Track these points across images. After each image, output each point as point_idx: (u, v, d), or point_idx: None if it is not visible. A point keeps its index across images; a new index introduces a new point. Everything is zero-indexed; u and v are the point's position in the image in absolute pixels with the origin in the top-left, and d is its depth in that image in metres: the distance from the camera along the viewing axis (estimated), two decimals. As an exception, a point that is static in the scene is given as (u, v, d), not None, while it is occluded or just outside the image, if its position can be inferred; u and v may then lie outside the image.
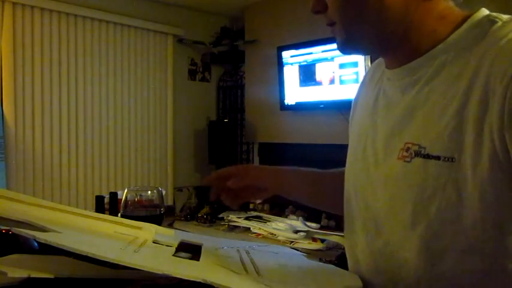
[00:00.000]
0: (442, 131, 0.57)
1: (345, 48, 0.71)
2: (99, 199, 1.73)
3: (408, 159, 0.61)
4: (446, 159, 0.57)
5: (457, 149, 0.56)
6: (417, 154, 0.60)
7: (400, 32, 0.65)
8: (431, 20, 0.64)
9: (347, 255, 0.79)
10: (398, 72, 0.68)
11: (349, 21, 0.66)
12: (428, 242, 0.60)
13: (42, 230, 0.61)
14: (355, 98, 0.87)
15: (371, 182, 0.69)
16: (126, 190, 0.93)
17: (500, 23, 0.59)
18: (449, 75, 0.60)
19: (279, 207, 3.24)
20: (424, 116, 0.61)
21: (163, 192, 2.47)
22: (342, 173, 0.85)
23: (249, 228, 2.65)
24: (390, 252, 0.65)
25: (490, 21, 0.60)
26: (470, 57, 0.58)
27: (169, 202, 3.60)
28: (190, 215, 3.05)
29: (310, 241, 2.38)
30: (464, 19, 0.62)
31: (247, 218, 2.81)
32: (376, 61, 0.81)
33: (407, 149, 0.62)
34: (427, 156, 0.59)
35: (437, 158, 0.57)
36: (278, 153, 3.75)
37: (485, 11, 0.62)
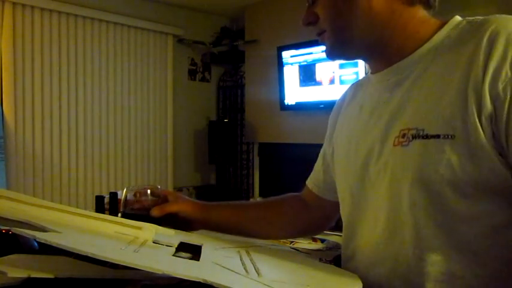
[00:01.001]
0: (442, 111, 0.61)
1: (333, 55, 0.76)
2: (99, 199, 1.72)
3: (406, 143, 0.64)
4: (446, 136, 0.60)
5: (458, 127, 0.59)
6: (415, 136, 0.63)
7: (386, 36, 0.70)
8: (414, 24, 0.69)
9: (342, 253, 0.80)
10: (385, 73, 0.73)
11: (340, 29, 0.71)
12: (428, 217, 0.62)
13: (42, 230, 0.61)
14: (335, 113, 0.91)
15: (369, 178, 0.71)
16: (125, 189, 0.93)
17: (479, 20, 0.64)
18: (440, 68, 0.64)
19: (279, 207, 3.24)
20: (419, 104, 0.65)
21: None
22: (267, 203, 1.01)
23: (249, 228, 2.65)
24: (385, 240, 0.67)
25: (469, 22, 0.65)
26: (460, 50, 0.62)
27: (169, 202, 3.60)
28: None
29: (310, 241, 2.38)
30: (443, 24, 0.68)
31: (247, 218, 2.81)
32: (354, 83, 0.89)
33: (404, 135, 0.65)
34: (426, 137, 0.62)
35: (437, 136, 0.60)
36: (278, 153, 3.76)
37: (459, 17, 0.68)
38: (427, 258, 0.63)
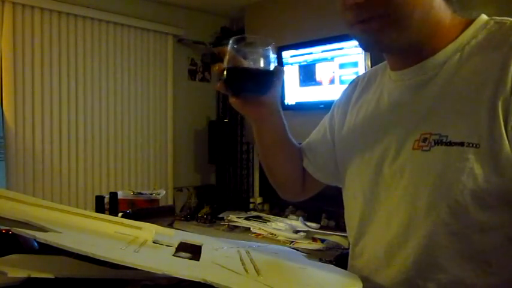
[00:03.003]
0: (468, 119, 0.59)
1: (377, 44, 0.68)
2: (99, 199, 1.72)
3: (427, 148, 0.63)
4: (471, 144, 0.58)
5: (484, 136, 0.57)
6: (437, 142, 0.61)
7: (426, 34, 0.66)
8: (450, 22, 0.67)
9: (350, 249, 0.80)
10: (407, 72, 0.70)
11: (401, 16, 0.63)
12: (444, 225, 0.61)
13: (42, 230, 0.61)
14: (343, 102, 0.90)
15: (383, 178, 0.70)
16: (231, 40, 0.76)
17: (509, 22, 0.62)
18: (468, 73, 0.62)
19: (279, 207, 3.24)
20: (444, 109, 0.63)
21: (163, 192, 2.45)
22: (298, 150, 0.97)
23: (249, 228, 2.65)
24: (398, 243, 0.67)
25: (497, 23, 0.63)
26: (489, 55, 0.60)
27: (169, 202, 3.60)
28: (190, 215, 3.06)
29: (310, 241, 2.38)
30: (469, 23, 0.66)
31: (247, 218, 2.81)
32: (368, 71, 0.86)
33: (425, 139, 0.63)
34: (449, 144, 0.60)
35: (461, 144, 0.59)
36: (278, 153, 3.74)
37: (485, 16, 0.66)
38: (438, 265, 0.62)
